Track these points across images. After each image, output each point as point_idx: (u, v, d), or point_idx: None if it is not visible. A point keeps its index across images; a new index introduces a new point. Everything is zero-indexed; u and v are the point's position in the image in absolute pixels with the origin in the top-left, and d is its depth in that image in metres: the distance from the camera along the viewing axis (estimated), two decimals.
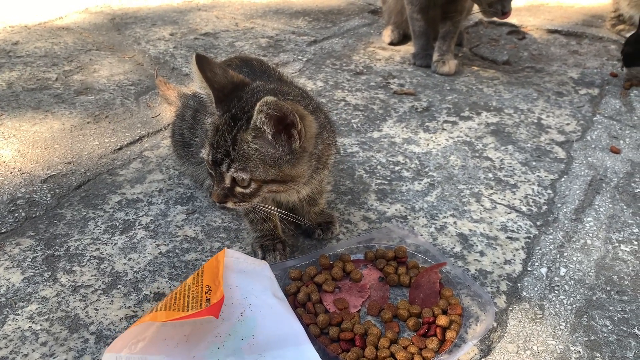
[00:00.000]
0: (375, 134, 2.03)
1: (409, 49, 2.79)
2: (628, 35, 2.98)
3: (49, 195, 1.66)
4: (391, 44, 2.88)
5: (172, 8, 3.41)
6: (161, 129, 2.04)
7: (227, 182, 1.17)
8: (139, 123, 2.09)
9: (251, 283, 1.17)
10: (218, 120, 1.18)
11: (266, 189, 1.20)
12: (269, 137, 1.13)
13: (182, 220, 1.57)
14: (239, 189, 1.18)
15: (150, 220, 1.57)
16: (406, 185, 1.74)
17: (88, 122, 2.08)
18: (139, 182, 1.74)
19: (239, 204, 1.20)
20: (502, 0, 2.21)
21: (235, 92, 1.18)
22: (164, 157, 1.86)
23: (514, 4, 3.63)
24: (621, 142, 2.01)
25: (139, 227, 1.54)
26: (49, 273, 1.37)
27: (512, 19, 3.28)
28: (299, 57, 2.69)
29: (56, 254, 1.43)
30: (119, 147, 1.93)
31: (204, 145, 1.21)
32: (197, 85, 1.19)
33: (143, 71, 2.53)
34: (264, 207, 1.26)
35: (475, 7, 2.43)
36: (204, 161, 1.22)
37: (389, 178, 1.78)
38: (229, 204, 1.19)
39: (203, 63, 1.15)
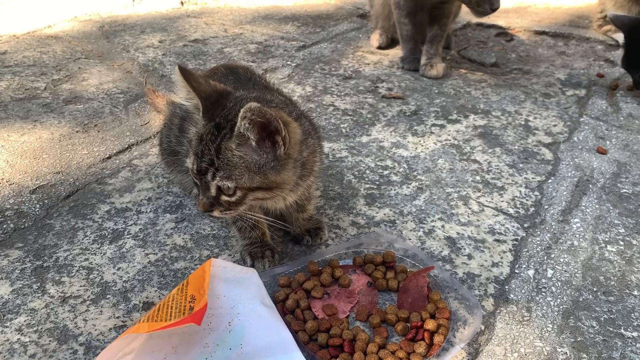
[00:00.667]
0: (364, 139, 2.04)
1: (397, 52, 2.80)
2: (615, 36, 3.01)
3: (37, 205, 1.66)
4: (379, 48, 2.89)
5: (161, 15, 3.41)
6: (150, 137, 2.04)
7: (213, 191, 1.17)
8: (128, 131, 2.09)
9: (239, 292, 1.17)
10: (202, 129, 1.18)
11: (252, 196, 1.20)
12: (253, 144, 1.14)
13: (171, 228, 1.57)
14: (224, 198, 1.18)
15: (139, 229, 1.57)
16: (395, 190, 1.75)
17: (77, 132, 2.07)
18: (128, 191, 1.74)
19: (226, 213, 1.20)
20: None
21: (219, 101, 1.19)
22: (153, 165, 1.87)
23: (502, 5, 3.66)
24: (607, 142, 2.03)
25: (128, 236, 1.54)
26: (38, 284, 1.37)
27: (499, 21, 3.31)
28: (288, 63, 2.70)
29: (45, 265, 1.43)
30: (107, 156, 1.93)
31: (189, 155, 1.21)
32: (182, 96, 1.20)
33: (132, 79, 2.53)
34: (250, 215, 1.27)
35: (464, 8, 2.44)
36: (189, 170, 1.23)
37: (377, 182, 1.79)
38: (216, 213, 1.19)
39: (187, 74, 1.16)
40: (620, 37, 3.00)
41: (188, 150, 1.22)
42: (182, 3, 3.66)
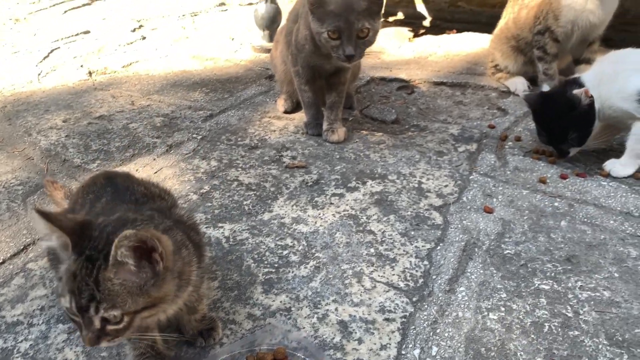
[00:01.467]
0: (266, 216, 2.08)
1: (302, 116, 2.88)
2: (506, 83, 3.20)
3: None
4: (286, 112, 2.97)
5: (67, 89, 3.37)
6: None
7: (97, 324, 1.17)
8: (25, 229, 2.05)
9: None
10: (73, 265, 1.18)
11: (139, 318, 1.21)
12: (132, 268, 1.15)
13: (63, 341, 1.54)
14: (110, 327, 1.18)
15: (30, 345, 1.54)
16: (292, 272, 1.79)
17: None
18: (20, 301, 1.70)
19: (114, 340, 1.20)
20: (341, 46, 2.29)
21: (84, 233, 1.20)
22: (48, 268, 1.83)
23: (404, 56, 3.84)
24: (494, 200, 2.16)
25: (17, 355, 1.50)
26: None
27: (401, 74, 3.48)
28: (194, 136, 2.72)
29: None
30: (1, 261, 1.88)
31: (63, 294, 1.20)
32: (47, 236, 1.19)
33: (33, 167, 2.49)
34: (136, 337, 1.26)
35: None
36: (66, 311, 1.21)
37: (276, 265, 1.82)
38: (104, 344, 1.19)
39: (48, 215, 1.16)
40: (510, 84, 3.21)
41: (59, 289, 1.20)
42: (90, 73, 3.63)
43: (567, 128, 2.29)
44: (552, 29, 2.90)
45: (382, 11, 2.41)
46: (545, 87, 2.96)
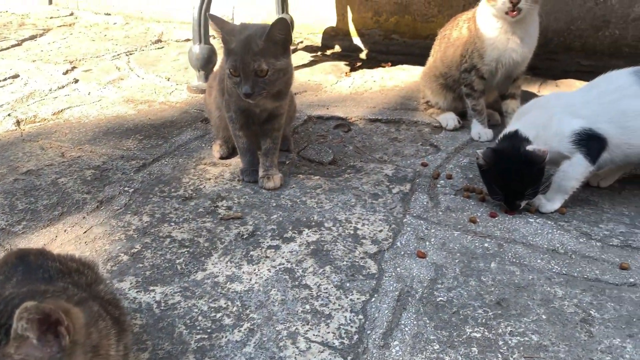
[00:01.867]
0: (199, 275, 2.04)
1: (239, 162, 2.86)
2: (438, 118, 3.28)
3: None
4: (222, 158, 2.94)
5: None
6: None
7: None
8: None
9: None
10: None
11: None
12: (34, 342, 1.10)
13: None
14: None
15: None
16: (226, 336, 1.75)
17: None
18: None
19: None
20: (240, 83, 2.34)
21: None
22: None
23: (341, 92, 3.90)
24: (427, 243, 2.19)
25: None
26: None
27: (338, 112, 3.52)
28: (126, 189, 2.65)
29: None
30: None
31: None
32: None
33: None
34: None
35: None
36: None
37: (209, 330, 1.78)
38: None
39: None
40: (442, 120, 3.30)
41: None
42: (18, 123, 3.50)
43: (526, 184, 2.28)
44: (477, 67, 3.01)
45: (290, 48, 2.45)
46: (475, 123, 3.07)
